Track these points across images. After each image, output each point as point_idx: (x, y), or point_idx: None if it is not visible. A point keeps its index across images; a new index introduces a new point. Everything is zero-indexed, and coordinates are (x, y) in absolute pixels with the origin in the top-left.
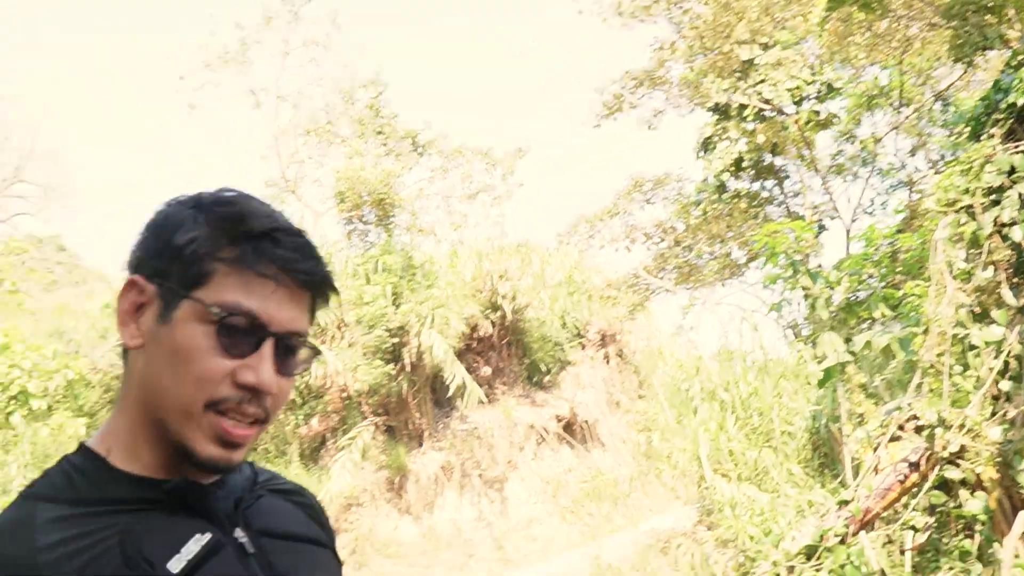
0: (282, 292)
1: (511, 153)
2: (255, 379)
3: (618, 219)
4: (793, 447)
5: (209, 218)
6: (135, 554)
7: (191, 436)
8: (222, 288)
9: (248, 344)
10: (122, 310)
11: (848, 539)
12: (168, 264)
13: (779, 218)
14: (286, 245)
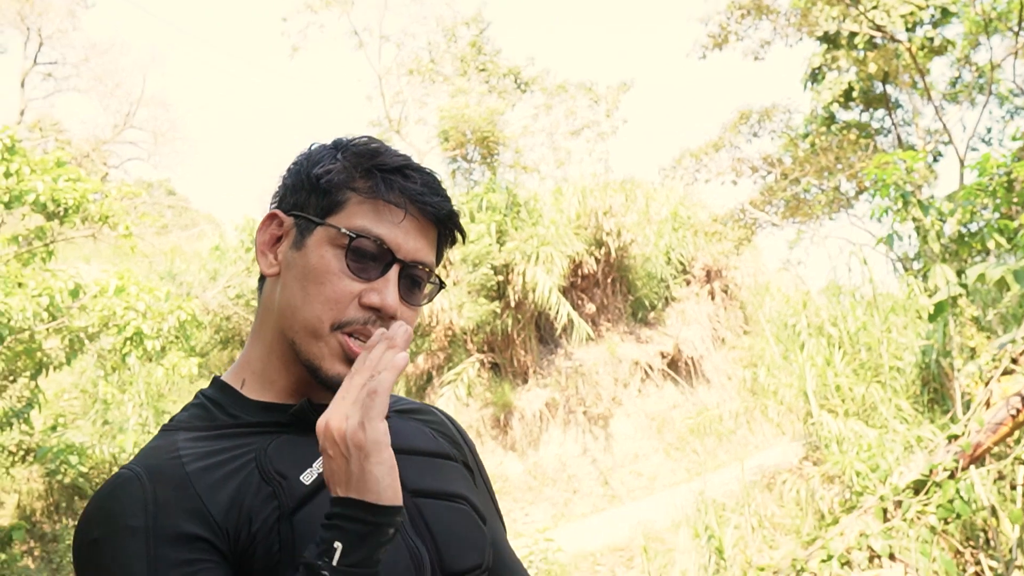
0: (409, 222)
1: (615, 88)
2: (380, 301)
3: (724, 152)
4: (902, 382)
5: (346, 154)
6: (269, 469)
7: (318, 354)
8: (354, 215)
9: (375, 268)
10: (261, 241)
11: (957, 474)
12: (306, 196)
13: (890, 149)
14: (415, 180)
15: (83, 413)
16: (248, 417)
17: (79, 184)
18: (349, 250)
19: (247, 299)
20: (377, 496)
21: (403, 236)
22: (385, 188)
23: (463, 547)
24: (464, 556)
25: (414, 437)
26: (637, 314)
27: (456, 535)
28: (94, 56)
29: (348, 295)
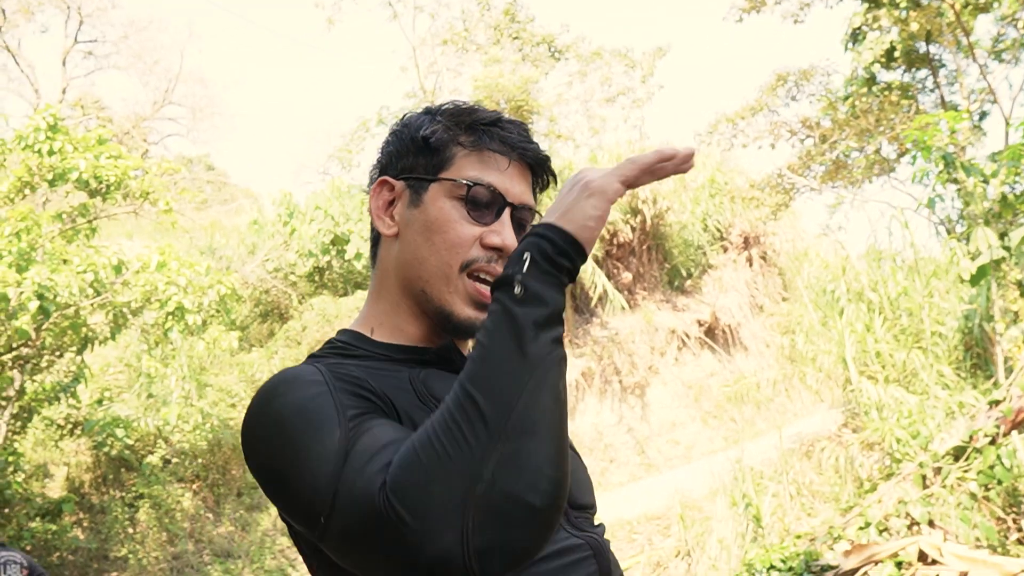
0: (513, 168)
1: (651, 53)
2: (500, 240)
3: (761, 116)
4: (944, 348)
5: (443, 115)
6: (424, 392)
7: (450, 299)
8: (463, 167)
9: (490, 213)
10: (376, 207)
11: (998, 440)
12: (414, 159)
13: (933, 109)
14: (511, 130)
15: (128, 387)
16: (392, 352)
17: (120, 161)
18: (467, 198)
19: (285, 272)
20: (575, 228)
21: (509, 181)
22: (488, 139)
23: (582, 487)
24: (584, 494)
25: None
26: (673, 282)
27: (576, 475)
28: (133, 33)
29: (470, 238)
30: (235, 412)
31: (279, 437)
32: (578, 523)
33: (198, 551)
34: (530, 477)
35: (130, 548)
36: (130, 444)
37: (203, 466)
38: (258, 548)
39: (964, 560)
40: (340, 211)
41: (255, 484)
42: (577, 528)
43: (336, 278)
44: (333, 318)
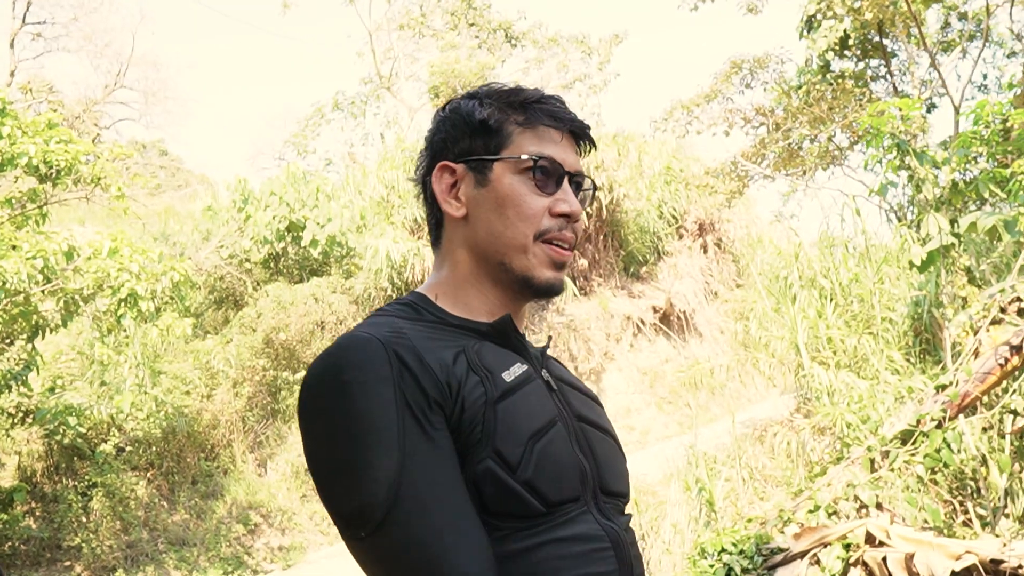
0: (565, 139)
1: (608, 40)
2: (568, 208)
3: (716, 103)
4: (894, 333)
5: (491, 98)
6: (477, 362)
7: (530, 265)
8: (522, 144)
9: (553, 183)
10: (441, 191)
11: (945, 424)
12: (471, 142)
13: (886, 98)
14: (555, 105)
15: (80, 375)
16: (451, 320)
17: (71, 146)
18: (534, 172)
19: (240, 259)
20: None
21: (564, 152)
22: (540, 115)
23: (616, 473)
24: (616, 480)
25: (572, 377)
26: (629, 269)
27: (610, 462)
28: (83, 15)
29: (541, 209)
30: (189, 399)
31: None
32: (606, 510)
33: (152, 539)
34: None
35: (83, 537)
36: (83, 432)
37: (157, 454)
38: (213, 536)
39: (910, 542)
40: (296, 197)
41: (210, 472)
42: (604, 516)
43: (291, 265)
44: (288, 305)
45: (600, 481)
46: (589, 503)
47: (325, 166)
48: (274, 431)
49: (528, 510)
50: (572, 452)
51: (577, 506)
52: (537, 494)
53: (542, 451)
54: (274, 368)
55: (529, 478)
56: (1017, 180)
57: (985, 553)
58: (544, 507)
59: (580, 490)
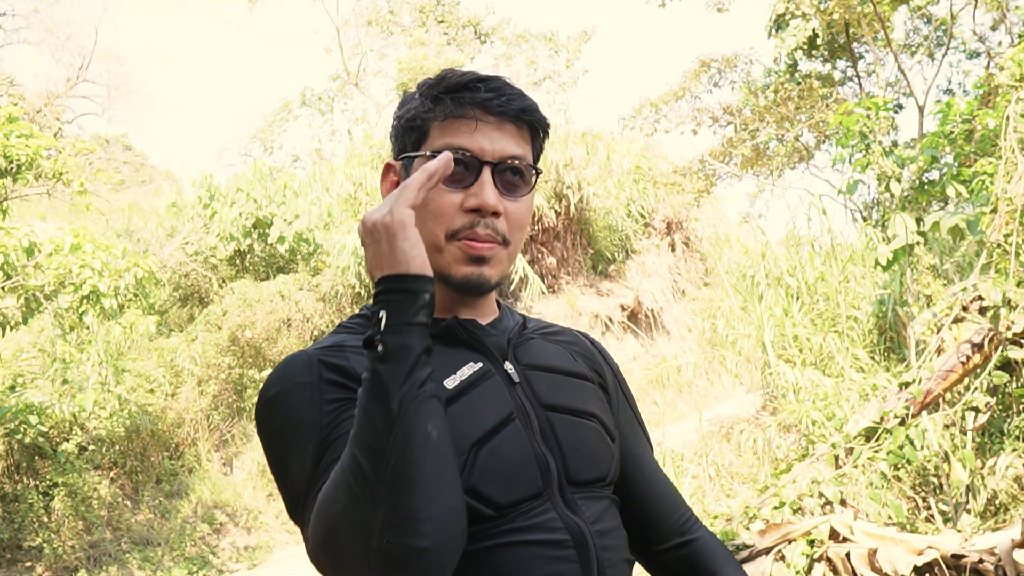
0: (486, 126)
1: (576, 37)
2: (477, 201)
3: (684, 102)
4: (859, 331)
5: (421, 90)
6: None
7: (445, 264)
8: (436, 138)
9: (469, 176)
10: (384, 190)
11: (908, 421)
12: (401, 138)
13: (853, 99)
14: (480, 89)
15: (42, 372)
16: None
17: (32, 140)
18: None
19: (205, 256)
20: (407, 267)
21: (484, 140)
22: (454, 105)
23: (588, 460)
24: (588, 468)
25: (552, 356)
26: (597, 267)
27: (582, 448)
28: (44, 7)
29: (451, 206)
30: (153, 397)
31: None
32: (573, 503)
33: (116, 539)
34: (412, 524)
35: (45, 537)
36: (44, 431)
37: (121, 453)
38: (178, 535)
39: (873, 537)
40: (263, 194)
41: (174, 471)
42: (570, 509)
43: (258, 262)
44: (254, 302)
45: (567, 472)
46: (554, 497)
47: (292, 162)
48: (240, 429)
49: (476, 516)
50: (529, 449)
51: (538, 502)
52: (484, 499)
53: (488, 455)
54: (240, 366)
55: (473, 485)
56: (980, 180)
57: (946, 548)
58: (494, 511)
59: (541, 485)
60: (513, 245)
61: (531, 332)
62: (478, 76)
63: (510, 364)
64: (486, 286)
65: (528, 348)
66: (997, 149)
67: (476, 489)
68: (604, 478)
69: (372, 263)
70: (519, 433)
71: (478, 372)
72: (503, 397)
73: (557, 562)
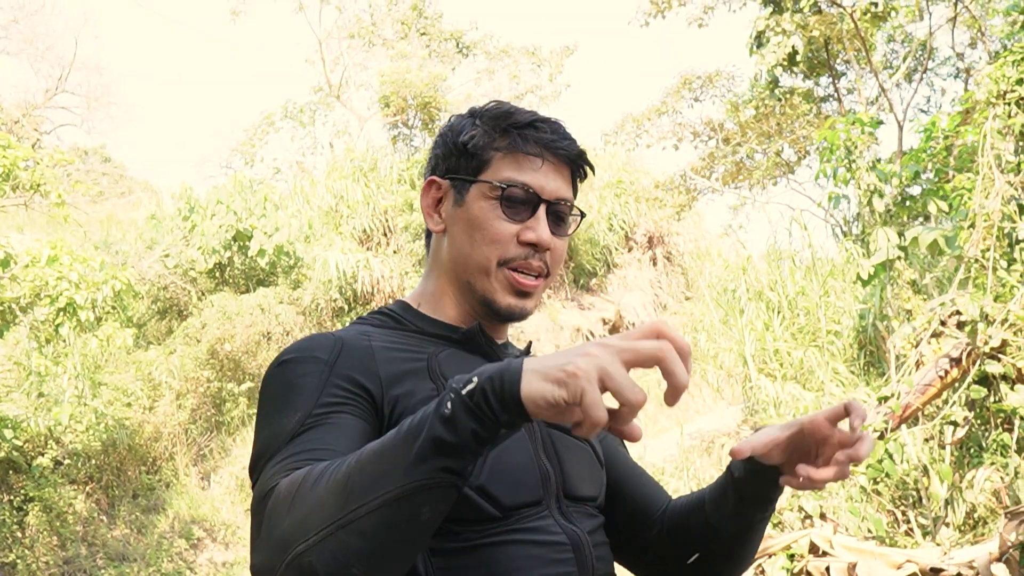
0: (547, 167)
1: (559, 52)
2: (535, 237)
3: (666, 118)
4: (839, 346)
5: (483, 119)
6: (436, 371)
7: (491, 289)
8: (500, 169)
9: (526, 210)
10: (425, 205)
11: (887, 435)
12: (457, 161)
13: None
14: (545, 130)
15: (17, 386)
16: (426, 327)
17: (9, 151)
18: (503, 199)
19: (184, 268)
20: (527, 394)
21: (544, 179)
22: (522, 141)
23: (584, 478)
24: (583, 485)
25: None
26: (579, 281)
27: (579, 466)
28: (23, 17)
29: (508, 236)
30: (131, 411)
31: (265, 403)
32: (569, 514)
33: (91, 555)
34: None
35: (18, 553)
36: (19, 445)
37: (97, 467)
38: (155, 551)
39: (852, 551)
40: (243, 206)
41: (152, 485)
42: (567, 519)
43: (238, 275)
44: (234, 315)
45: (564, 486)
46: (551, 507)
47: (273, 175)
48: (218, 443)
49: (482, 514)
50: (533, 457)
51: (538, 510)
52: (491, 498)
53: (497, 456)
54: (219, 379)
55: (482, 483)
56: (958, 194)
57: (925, 562)
58: (499, 511)
59: (541, 494)
60: (552, 277)
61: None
62: (541, 116)
63: None
64: (524, 317)
65: None
66: (975, 165)
67: (485, 488)
68: (596, 497)
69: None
70: (524, 442)
71: None
72: None
73: (556, 564)
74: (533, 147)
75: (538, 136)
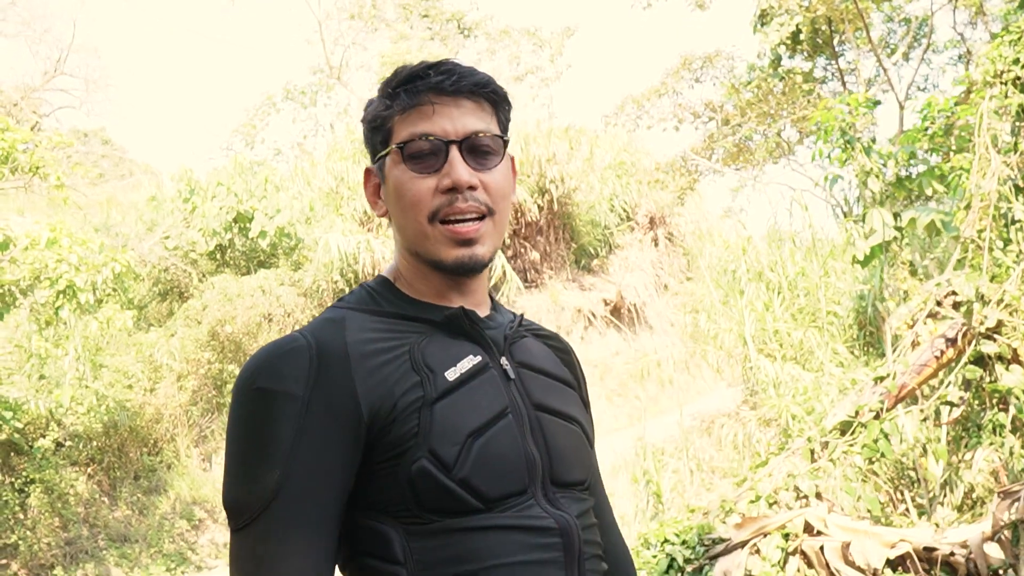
0: (443, 108)
1: (559, 33)
2: (450, 180)
3: (666, 99)
4: (839, 326)
5: (380, 91)
6: (420, 361)
7: (434, 250)
8: (399, 132)
9: (437, 159)
10: (368, 195)
11: (883, 415)
12: (372, 142)
13: (833, 97)
14: (433, 75)
15: (18, 368)
16: (407, 310)
17: (8, 134)
18: (405, 158)
19: (185, 250)
20: None
21: (444, 120)
22: (409, 96)
23: (572, 462)
24: (571, 470)
25: (543, 359)
26: (580, 261)
27: (567, 451)
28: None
29: (427, 191)
30: (132, 393)
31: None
32: (556, 500)
33: (93, 536)
34: None
35: (20, 535)
36: (20, 427)
37: (98, 449)
38: (156, 532)
39: (846, 531)
40: (244, 188)
41: (153, 467)
42: (553, 505)
43: (238, 256)
44: (235, 297)
45: (551, 472)
46: (537, 494)
47: (274, 156)
48: (219, 425)
49: (465, 507)
50: (519, 445)
51: (523, 498)
52: (474, 491)
53: (482, 447)
54: (219, 361)
55: (465, 476)
56: (956, 175)
57: (918, 541)
58: (482, 503)
59: (527, 482)
60: (499, 214)
61: (524, 330)
62: (427, 63)
63: (506, 360)
64: (480, 264)
65: (522, 346)
66: (972, 145)
67: (467, 480)
68: (583, 482)
69: None
70: (511, 428)
71: (477, 365)
72: (499, 392)
73: (540, 549)
74: (422, 96)
75: (426, 83)
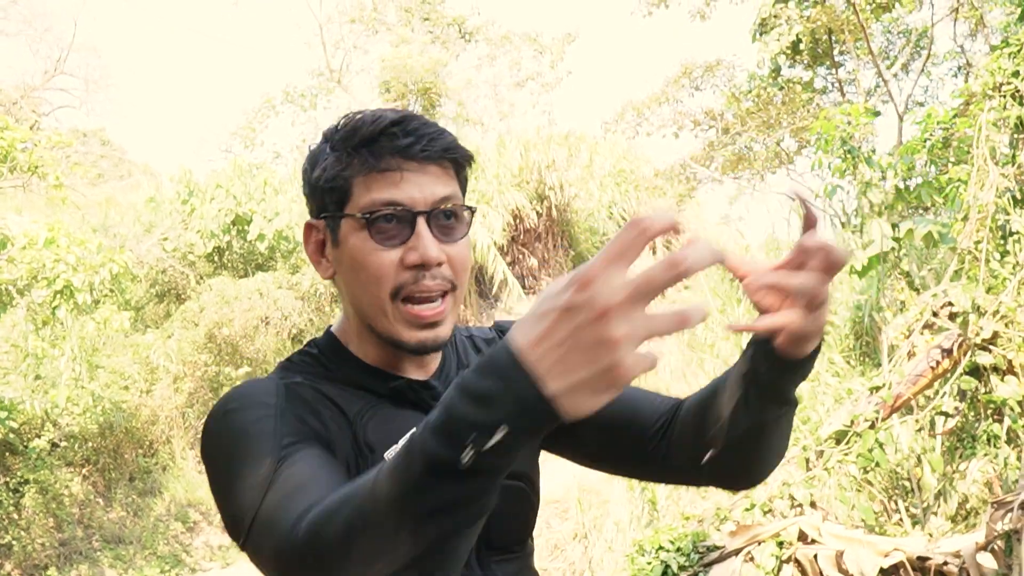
0: (411, 175)
1: (560, 39)
2: (418, 256)
3: (666, 106)
4: (835, 336)
5: (334, 144)
6: (361, 439)
7: (393, 330)
8: (361, 195)
9: (403, 230)
10: (309, 252)
11: (878, 424)
12: (321, 198)
13: (833, 107)
14: (399, 135)
15: (14, 368)
16: (353, 375)
17: (7, 133)
18: (370, 228)
19: (183, 252)
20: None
21: (411, 188)
22: (374, 159)
23: (508, 527)
24: (507, 534)
25: None
26: None
27: (507, 515)
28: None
29: (390, 266)
30: (128, 394)
31: (221, 457)
32: (487, 565)
33: (87, 537)
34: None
35: (15, 535)
36: (15, 427)
37: (93, 450)
38: (151, 533)
39: (840, 539)
40: (242, 190)
41: (148, 468)
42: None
43: (236, 259)
44: (232, 299)
45: (487, 538)
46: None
47: (273, 159)
48: None
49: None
50: None
51: None
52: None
53: None
54: (216, 363)
55: None
56: (953, 186)
57: (912, 550)
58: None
59: None
60: (460, 288)
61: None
62: (391, 119)
63: None
64: (442, 345)
65: None
66: (970, 156)
67: None
68: (521, 542)
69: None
70: None
71: None
72: None
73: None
74: (388, 160)
75: (392, 145)
